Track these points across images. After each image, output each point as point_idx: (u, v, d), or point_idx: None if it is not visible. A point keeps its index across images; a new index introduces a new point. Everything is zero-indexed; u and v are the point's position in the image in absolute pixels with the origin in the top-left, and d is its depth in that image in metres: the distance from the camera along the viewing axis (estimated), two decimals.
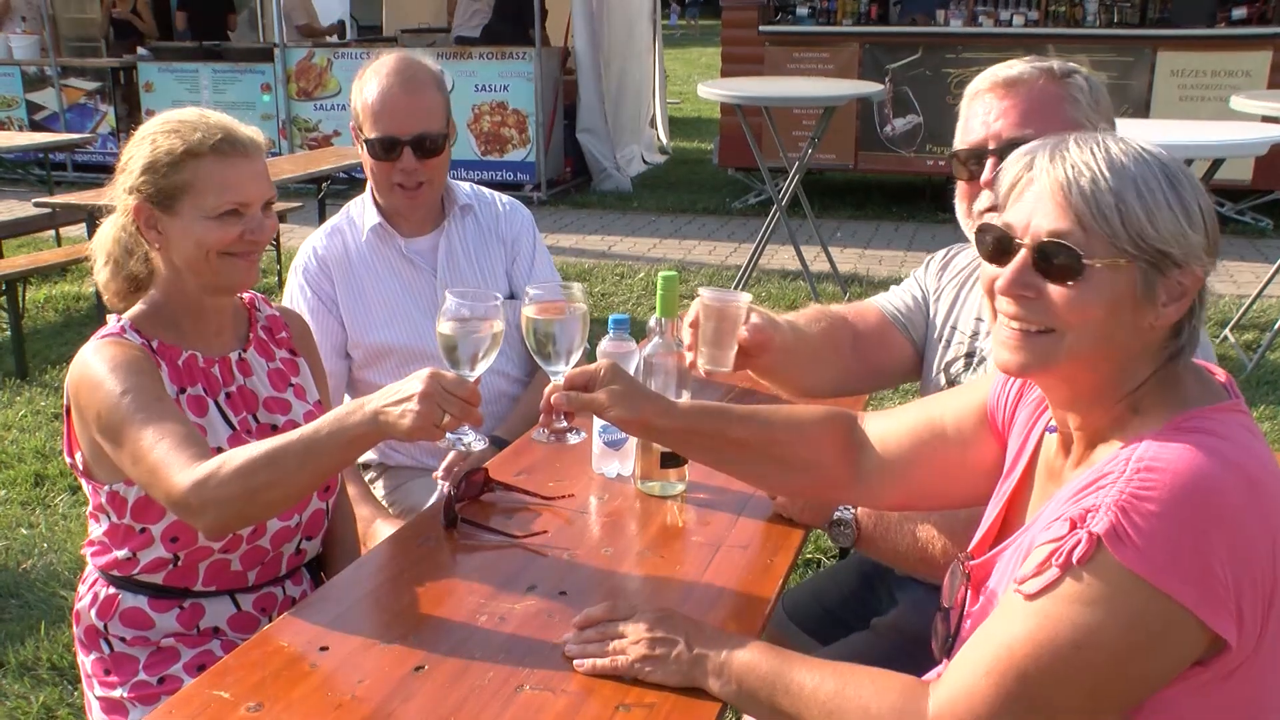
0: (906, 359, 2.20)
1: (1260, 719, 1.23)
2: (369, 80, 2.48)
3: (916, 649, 1.77)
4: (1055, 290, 1.23)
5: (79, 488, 4.08)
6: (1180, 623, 1.13)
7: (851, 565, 2.37)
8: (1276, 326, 5.46)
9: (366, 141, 2.48)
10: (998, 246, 1.28)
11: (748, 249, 7.30)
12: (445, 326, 1.64)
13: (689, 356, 1.92)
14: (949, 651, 1.44)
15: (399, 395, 1.53)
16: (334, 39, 10.63)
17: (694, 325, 1.89)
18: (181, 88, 9.73)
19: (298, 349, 2.08)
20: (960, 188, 1.97)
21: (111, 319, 1.88)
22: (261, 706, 1.36)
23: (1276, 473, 1.19)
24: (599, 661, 1.44)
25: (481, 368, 1.65)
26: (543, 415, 1.68)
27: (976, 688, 1.21)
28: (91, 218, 5.13)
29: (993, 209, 1.87)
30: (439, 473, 2.21)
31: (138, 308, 1.89)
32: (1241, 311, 5.85)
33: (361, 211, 2.61)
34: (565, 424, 1.71)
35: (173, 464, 1.63)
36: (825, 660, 1.38)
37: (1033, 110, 1.86)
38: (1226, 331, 5.73)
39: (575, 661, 1.46)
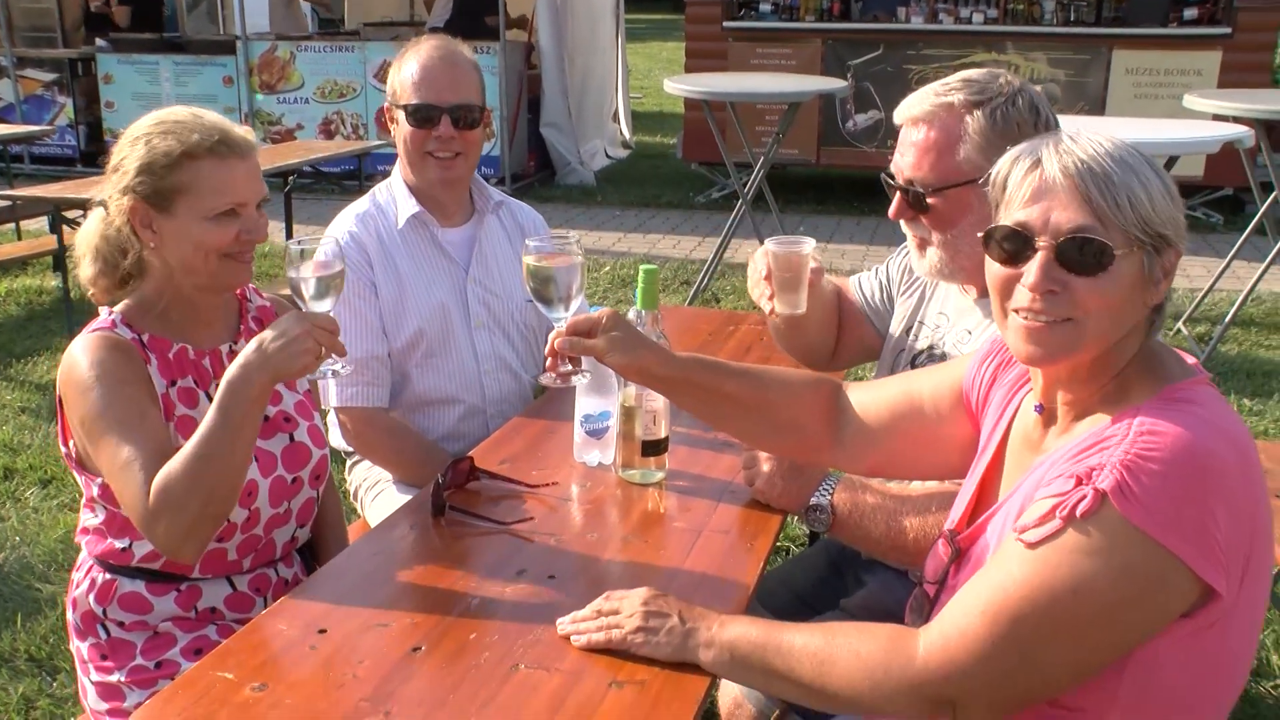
0: (869, 341, 2.35)
1: (1228, 673, 1.33)
2: (409, 59, 2.55)
3: None
4: (1082, 282, 1.31)
5: (50, 481, 4.08)
6: (1174, 574, 1.22)
7: (820, 552, 2.45)
8: (1227, 319, 5.60)
9: (405, 107, 2.51)
10: (1012, 247, 1.35)
11: (711, 243, 7.36)
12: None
13: (767, 306, 2.08)
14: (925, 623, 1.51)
15: (282, 341, 1.67)
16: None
17: (768, 278, 2.06)
18: (142, 80, 9.64)
19: None
20: None
21: (103, 311, 1.90)
22: (265, 687, 1.40)
23: (1252, 441, 1.30)
24: (594, 636, 1.50)
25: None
26: (548, 360, 1.76)
27: (970, 626, 1.29)
28: (57, 210, 5.10)
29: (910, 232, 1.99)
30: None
31: (128, 301, 1.91)
32: (1194, 305, 6.00)
33: (391, 198, 2.62)
34: (570, 367, 1.77)
35: (141, 495, 1.68)
36: (813, 623, 1.45)
37: (927, 153, 1.95)
38: (1180, 325, 5.87)
39: (573, 637, 1.51)
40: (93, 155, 9.91)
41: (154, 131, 1.85)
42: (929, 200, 1.94)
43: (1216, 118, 5.53)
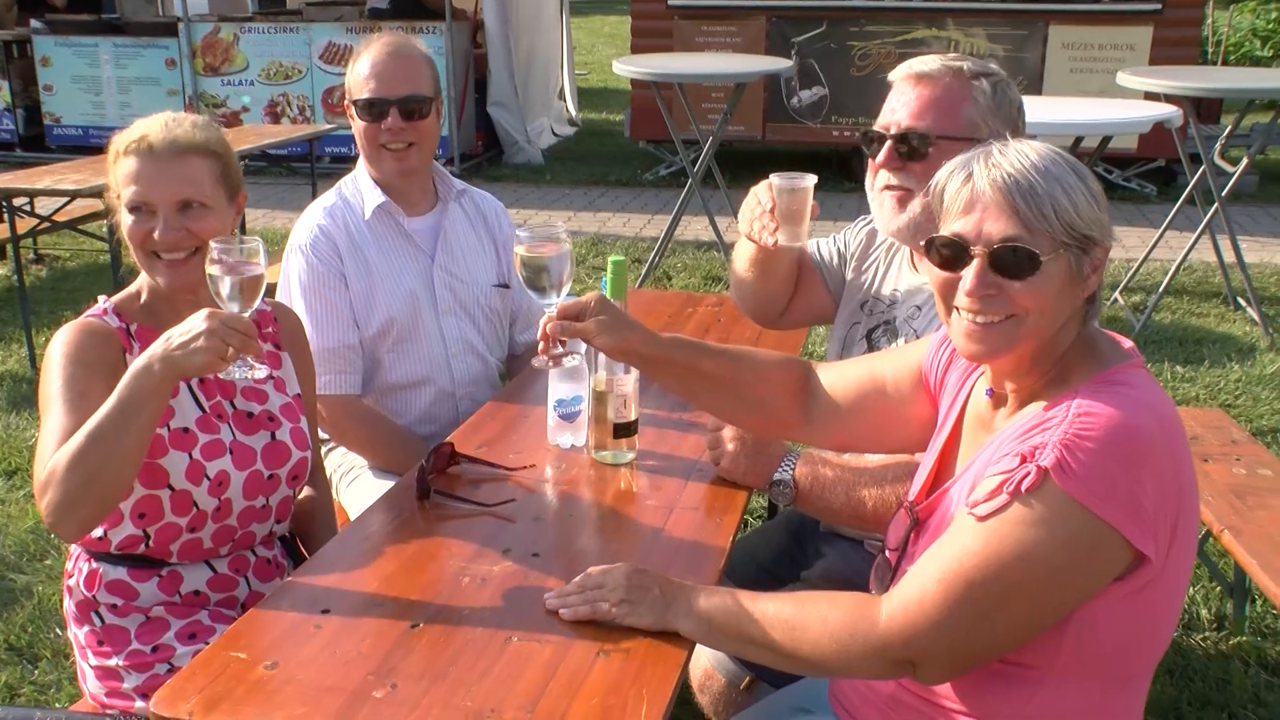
0: (823, 304, 2.46)
1: (1158, 628, 1.48)
2: (361, 57, 2.63)
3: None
4: (1015, 285, 1.44)
5: (14, 471, 4.11)
6: (1109, 541, 1.36)
7: (781, 525, 2.58)
8: (1161, 289, 5.82)
9: (355, 103, 2.60)
10: (951, 255, 1.47)
11: (661, 220, 7.47)
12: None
13: (769, 241, 2.14)
14: (888, 589, 1.64)
15: (186, 336, 1.67)
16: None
17: (772, 210, 2.13)
18: (81, 62, 9.51)
19: (283, 344, 2.18)
20: (870, 163, 2.18)
21: (100, 299, 1.99)
22: (276, 665, 1.50)
23: (1179, 418, 1.44)
24: (580, 609, 1.61)
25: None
26: (540, 344, 1.83)
27: (928, 593, 1.42)
28: (8, 199, 5.07)
29: (889, 187, 2.09)
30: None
31: (125, 291, 2.01)
32: (1130, 275, 6.21)
33: (357, 191, 2.70)
34: (562, 350, 1.85)
35: (42, 466, 1.74)
36: (784, 593, 1.58)
37: (932, 104, 2.06)
38: (1116, 294, 6.07)
39: (560, 611, 1.62)
40: (33, 139, 9.78)
41: (117, 136, 1.98)
42: (929, 148, 2.04)
43: (1148, 95, 5.73)
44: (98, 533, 1.96)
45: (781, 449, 2.07)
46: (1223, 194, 5.58)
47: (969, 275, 1.46)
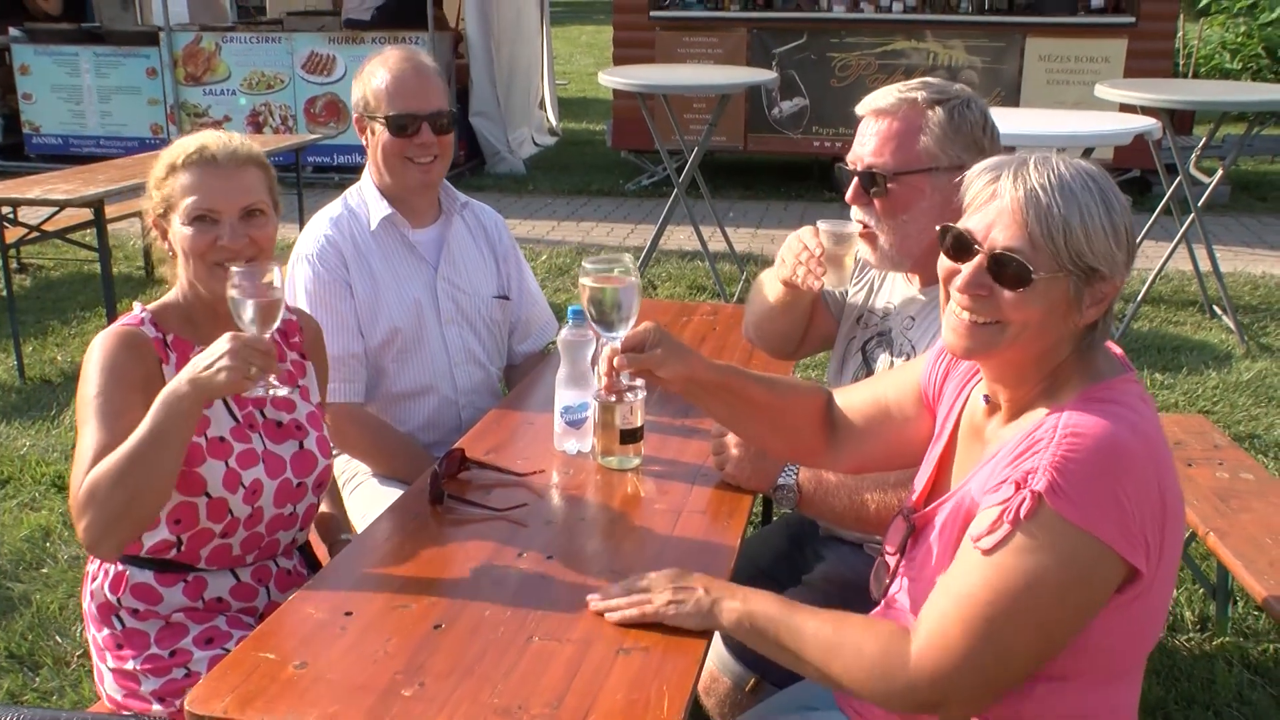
0: (828, 329, 2.51)
1: (1150, 628, 1.54)
2: (376, 70, 2.66)
3: (847, 594, 2.03)
4: (1004, 293, 1.48)
5: (7, 481, 4.11)
6: (1104, 558, 1.41)
7: (779, 529, 2.63)
8: (1139, 298, 5.91)
9: (386, 118, 2.63)
10: (958, 246, 1.52)
11: (644, 230, 7.52)
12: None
13: (816, 285, 2.20)
14: (886, 591, 1.70)
15: (209, 359, 1.76)
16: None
17: (821, 255, 2.18)
18: (61, 71, 9.48)
19: (308, 353, 2.22)
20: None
21: (136, 306, 2.03)
22: (306, 665, 1.54)
23: (1162, 432, 1.49)
24: (627, 612, 1.65)
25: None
26: (605, 379, 1.84)
27: (949, 634, 1.47)
28: None
29: (860, 221, 2.15)
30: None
31: (163, 300, 2.05)
32: None
33: (362, 202, 2.73)
34: (628, 383, 1.86)
35: (77, 486, 1.81)
36: (823, 610, 1.61)
37: (888, 141, 2.11)
38: None
39: (606, 614, 1.66)
40: (11, 148, 9.74)
41: (166, 151, 2.02)
42: (888, 185, 2.10)
43: (1122, 107, 5.83)
44: None
45: None
46: (1199, 204, 5.68)
47: (965, 270, 1.51)
